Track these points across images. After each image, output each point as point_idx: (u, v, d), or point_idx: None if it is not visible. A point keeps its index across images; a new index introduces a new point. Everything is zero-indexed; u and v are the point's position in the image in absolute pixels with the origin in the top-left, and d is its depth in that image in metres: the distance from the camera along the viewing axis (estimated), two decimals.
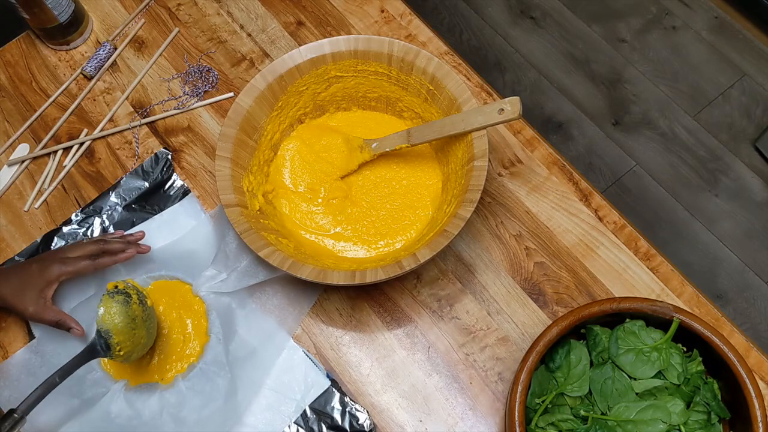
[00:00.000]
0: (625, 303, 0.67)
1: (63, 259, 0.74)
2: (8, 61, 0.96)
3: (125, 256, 0.77)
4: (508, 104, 0.72)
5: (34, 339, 0.79)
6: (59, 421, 0.73)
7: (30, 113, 0.93)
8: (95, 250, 0.76)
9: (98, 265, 0.75)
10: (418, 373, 0.77)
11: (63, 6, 0.90)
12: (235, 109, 0.78)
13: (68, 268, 0.74)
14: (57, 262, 0.74)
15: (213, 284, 0.79)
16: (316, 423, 0.74)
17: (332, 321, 0.80)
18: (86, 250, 0.76)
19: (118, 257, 0.77)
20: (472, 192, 0.72)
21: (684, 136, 1.66)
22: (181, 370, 0.77)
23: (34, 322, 0.77)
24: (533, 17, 1.82)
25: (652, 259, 0.81)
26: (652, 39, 1.77)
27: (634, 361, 0.67)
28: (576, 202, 0.84)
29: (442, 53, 0.93)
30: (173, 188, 0.87)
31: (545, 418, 0.67)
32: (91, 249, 0.76)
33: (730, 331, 0.77)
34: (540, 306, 0.79)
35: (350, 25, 0.96)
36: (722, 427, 0.67)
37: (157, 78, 0.94)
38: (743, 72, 1.72)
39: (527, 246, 0.82)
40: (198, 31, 0.97)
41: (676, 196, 1.60)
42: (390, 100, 0.85)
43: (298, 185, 0.84)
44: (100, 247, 0.76)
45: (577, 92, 1.73)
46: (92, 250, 0.76)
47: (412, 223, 0.81)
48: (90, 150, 0.90)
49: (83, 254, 0.75)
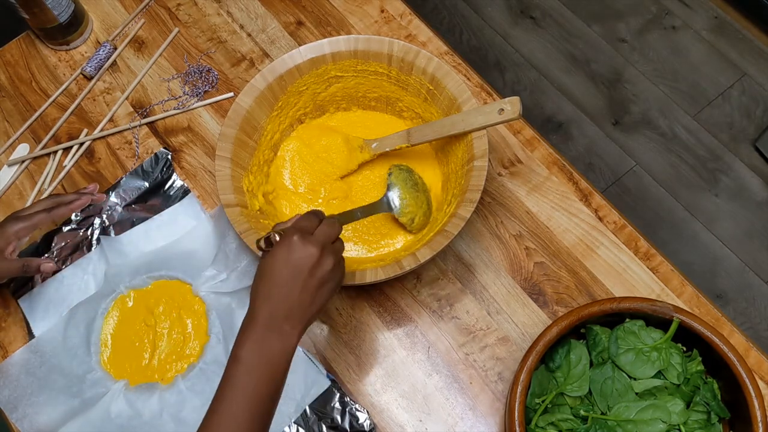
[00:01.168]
0: (625, 303, 0.67)
1: (18, 216, 0.75)
2: (8, 61, 0.96)
3: (80, 203, 0.78)
4: (508, 104, 0.72)
5: (34, 339, 0.79)
6: (59, 421, 0.73)
7: (30, 113, 0.93)
8: (50, 204, 0.77)
9: (54, 216, 0.76)
10: (418, 373, 0.77)
11: (63, 6, 0.90)
12: (235, 109, 0.78)
13: (24, 223, 0.74)
14: (12, 220, 0.75)
15: (213, 284, 0.79)
16: (316, 423, 0.74)
17: (332, 321, 0.80)
18: (40, 205, 0.77)
19: (72, 205, 0.77)
20: (472, 192, 0.72)
21: (684, 135, 1.66)
22: (181, 370, 0.77)
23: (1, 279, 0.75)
24: (533, 17, 1.82)
25: (652, 259, 0.81)
26: (652, 39, 1.77)
27: (634, 361, 0.67)
28: (576, 202, 0.84)
29: (442, 53, 0.93)
30: (173, 188, 0.87)
31: (545, 418, 0.67)
32: (45, 203, 0.77)
33: (730, 331, 0.77)
34: (540, 306, 0.79)
35: (350, 25, 0.96)
36: (722, 427, 0.67)
37: (157, 78, 0.94)
38: (743, 72, 1.72)
39: (527, 246, 0.82)
40: (198, 31, 0.97)
41: (676, 196, 1.60)
42: (390, 100, 0.85)
43: (299, 186, 0.84)
44: (54, 200, 0.77)
45: (577, 92, 1.73)
46: (47, 204, 0.77)
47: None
48: (90, 150, 0.90)
49: (38, 209, 0.76)
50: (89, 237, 0.84)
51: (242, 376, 0.55)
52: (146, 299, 0.80)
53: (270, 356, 0.56)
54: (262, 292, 0.58)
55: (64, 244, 0.84)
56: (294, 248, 0.57)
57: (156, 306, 0.79)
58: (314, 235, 0.59)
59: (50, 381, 0.76)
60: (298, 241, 0.57)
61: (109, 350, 0.78)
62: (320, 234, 0.60)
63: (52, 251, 0.83)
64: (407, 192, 0.78)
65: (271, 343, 0.56)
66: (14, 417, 0.75)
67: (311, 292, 0.58)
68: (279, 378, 0.57)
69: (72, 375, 0.76)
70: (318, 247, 0.58)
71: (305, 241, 0.58)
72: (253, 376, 0.55)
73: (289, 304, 0.57)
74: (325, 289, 0.60)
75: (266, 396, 0.56)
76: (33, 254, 0.83)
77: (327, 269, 0.59)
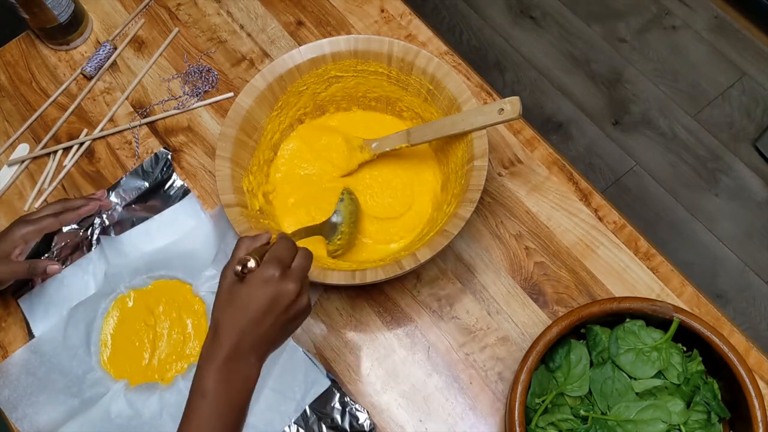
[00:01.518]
0: (625, 303, 0.67)
1: (26, 220, 0.75)
2: (8, 61, 0.96)
3: (87, 209, 0.79)
4: (508, 104, 0.72)
5: (34, 339, 0.79)
6: (59, 421, 0.73)
7: (30, 113, 0.93)
8: (58, 209, 0.77)
9: (62, 221, 0.77)
10: (418, 373, 0.77)
11: (63, 6, 0.90)
12: (235, 109, 0.78)
13: (31, 227, 0.75)
14: (20, 223, 0.75)
15: (213, 284, 0.79)
16: (316, 423, 0.74)
17: (332, 321, 0.80)
18: (49, 209, 0.77)
19: (80, 210, 0.78)
20: (472, 192, 0.72)
21: (684, 135, 1.66)
22: (181, 370, 0.77)
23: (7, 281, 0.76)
24: (533, 17, 1.82)
25: (652, 259, 0.81)
26: (652, 39, 1.77)
27: (634, 361, 0.67)
28: (576, 201, 0.84)
29: (442, 53, 0.93)
30: (173, 188, 0.87)
31: (545, 418, 0.67)
32: (53, 208, 0.77)
33: (730, 330, 0.77)
34: (540, 306, 0.79)
35: (350, 25, 0.96)
36: (722, 426, 0.67)
37: (157, 78, 0.94)
38: (743, 72, 1.72)
39: (527, 246, 0.82)
40: (198, 31, 0.97)
41: (676, 195, 1.60)
42: (390, 100, 0.85)
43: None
44: (63, 205, 0.78)
45: (577, 92, 1.73)
46: (55, 209, 0.77)
47: (412, 223, 0.81)
48: (90, 150, 0.90)
49: (46, 213, 0.76)
50: (89, 237, 0.84)
51: (207, 410, 0.54)
52: (146, 299, 0.80)
53: (235, 387, 0.55)
54: (232, 320, 0.56)
55: (64, 244, 0.84)
56: (273, 283, 0.56)
57: (156, 306, 0.79)
58: (292, 270, 0.58)
59: (50, 381, 0.76)
60: (278, 278, 0.56)
61: (109, 350, 0.78)
62: (298, 269, 0.58)
63: (52, 251, 0.83)
64: (347, 225, 0.78)
65: (236, 375, 0.55)
66: (14, 417, 0.75)
67: (282, 326, 0.57)
68: (243, 408, 0.56)
69: (72, 375, 0.76)
70: (297, 283, 0.57)
71: (285, 277, 0.56)
72: (219, 410, 0.54)
73: (260, 336, 0.56)
74: (295, 323, 0.59)
75: (231, 427, 0.55)
76: (33, 254, 0.83)
77: (302, 305, 0.58)
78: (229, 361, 0.55)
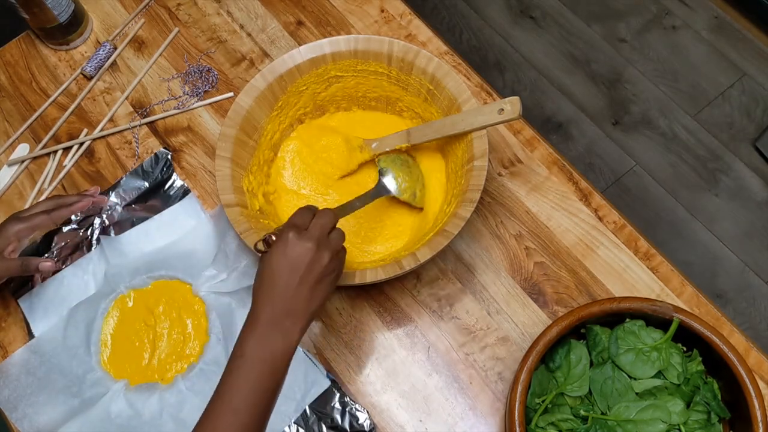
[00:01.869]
0: (625, 303, 0.67)
1: (19, 217, 0.75)
2: (8, 61, 0.96)
3: (81, 205, 0.78)
4: (507, 104, 0.72)
5: (34, 339, 0.79)
6: (59, 421, 0.73)
7: (30, 113, 0.93)
8: (50, 205, 0.77)
9: (55, 218, 0.76)
10: (418, 373, 0.77)
11: (63, 6, 0.90)
12: (235, 109, 0.78)
13: (24, 224, 0.74)
14: (13, 220, 0.75)
15: (213, 284, 0.79)
16: (316, 423, 0.74)
17: (332, 321, 0.80)
18: (41, 206, 0.77)
19: (73, 207, 0.77)
20: (472, 192, 0.72)
21: (684, 135, 1.66)
22: (181, 370, 0.77)
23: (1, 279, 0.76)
24: (533, 17, 1.82)
25: (652, 259, 0.81)
26: (652, 39, 1.77)
27: (634, 361, 0.67)
28: (576, 201, 0.84)
29: (442, 53, 0.93)
30: (173, 188, 0.87)
31: (545, 418, 0.67)
32: (46, 205, 0.77)
33: (730, 330, 0.77)
34: (540, 306, 0.79)
35: (350, 25, 0.96)
36: (722, 426, 0.67)
37: (157, 78, 0.94)
38: (743, 72, 1.72)
39: (527, 246, 0.82)
40: (198, 31, 0.97)
41: (676, 195, 1.60)
42: (390, 100, 0.85)
43: (300, 187, 0.84)
44: (55, 201, 0.77)
45: (577, 92, 1.73)
46: (47, 206, 0.77)
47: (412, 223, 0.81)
48: (90, 150, 0.90)
49: (39, 210, 0.76)
50: (89, 237, 0.84)
51: (244, 370, 0.56)
52: (146, 299, 0.80)
53: (272, 352, 0.57)
54: (263, 291, 0.58)
55: (64, 244, 0.84)
56: (289, 245, 0.58)
57: (156, 306, 0.79)
58: (308, 230, 0.60)
59: (50, 381, 0.76)
60: (293, 238, 0.58)
61: (109, 350, 0.78)
62: (314, 228, 0.60)
63: (52, 251, 0.83)
64: (400, 171, 0.79)
65: (273, 340, 0.57)
66: (14, 417, 0.75)
67: (310, 287, 0.59)
68: (280, 373, 0.58)
69: (72, 375, 0.76)
70: (313, 241, 0.59)
71: (300, 237, 0.58)
72: (255, 370, 0.56)
73: (289, 301, 0.58)
74: (324, 282, 0.60)
75: (267, 390, 0.57)
76: (33, 254, 0.83)
77: (324, 263, 0.59)
78: (264, 328, 0.57)
